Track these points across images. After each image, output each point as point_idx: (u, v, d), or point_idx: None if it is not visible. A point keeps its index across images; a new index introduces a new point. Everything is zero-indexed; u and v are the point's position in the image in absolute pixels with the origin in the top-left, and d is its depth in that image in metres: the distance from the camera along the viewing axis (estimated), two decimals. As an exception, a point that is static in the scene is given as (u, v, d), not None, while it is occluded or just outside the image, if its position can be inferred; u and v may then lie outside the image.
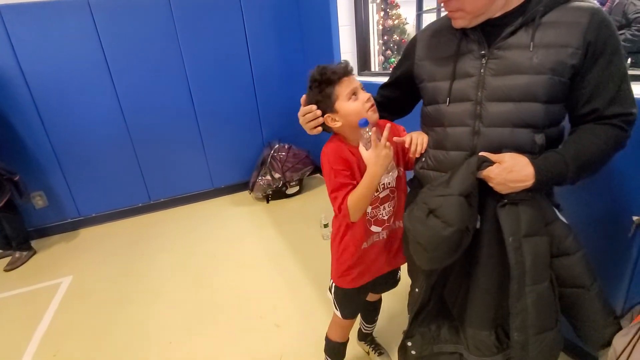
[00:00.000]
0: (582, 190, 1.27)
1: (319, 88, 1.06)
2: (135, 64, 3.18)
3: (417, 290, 1.11)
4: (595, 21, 0.81)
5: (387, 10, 4.61)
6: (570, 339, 1.05)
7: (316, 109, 1.07)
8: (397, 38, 4.65)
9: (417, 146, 1.08)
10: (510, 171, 0.85)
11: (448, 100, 0.98)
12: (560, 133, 0.95)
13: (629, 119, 0.87)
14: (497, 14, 0.89)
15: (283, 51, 3.63)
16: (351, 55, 3.11)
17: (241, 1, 3.33)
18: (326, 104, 1.06)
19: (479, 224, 0.94)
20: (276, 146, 3.55)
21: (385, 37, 4.70)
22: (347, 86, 1.05)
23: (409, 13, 4.64)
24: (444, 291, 1.09)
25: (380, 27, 4.61)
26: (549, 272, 0.92)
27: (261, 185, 3.46)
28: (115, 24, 3.04)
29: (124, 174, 3.43)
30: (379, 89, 1.25)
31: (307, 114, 1.08)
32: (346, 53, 3.07)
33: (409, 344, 1.16)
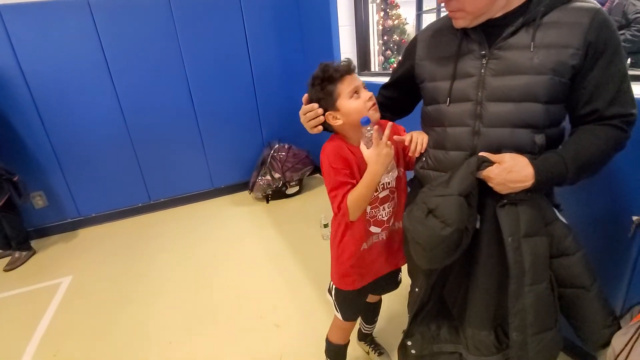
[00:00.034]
0: (582, 190, 1.27)
1: (321, 85, 1.05)
2: (135, 64, 3.18)
3: (417, 290, 1.12)
4: (597, 21, 0.81)
5: (387, 10, 4.61)
6: (570, 338, 1.05)
7: (317, 107, 1.07)
8: (397, 38, 4.64)
9: (417, 145, 1.08)
10: (510, 171, 0.85)
11: (448, 100, 0.98)
12: (560, 133, 0.95)
13: (629, 119, 0.87)
14: (498, 14, 0.89)
15: (283, 51, 3.63)
16: (351, 56, 3.10)
17: (241, 1, 3.33)
18: (328, 101, 1.06)
19: (478, 224, 0.94)
20: (276, 146, 3.55)
21: (385, 37, 4.70)
22: (349, 84, 1.05)
23: (408, 13, 4.64)
24: (443, 291, 1.09)
25: (380, 27, 4.61)
26: (548, 273, 0.92)
27: (261, 185, 3.46)
28: (115, 24, 3.04)
29: (123, 174, 3.43)
30: (380, 89, 1.25)
31: (308, 112, 1.08)
32: (346, 53, 3.07)
33: (408, 343, 1.16)
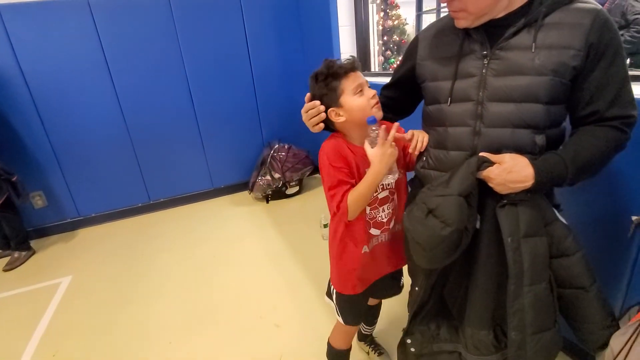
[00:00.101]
0: (581, 190, 1.27)
1: (325, 81, 1.04)
2: (135, 64, 3.18)
3: (416, 289, 1.12)
4: (598, 23, 0.81)
5: (387, 10, 4.61)
6: (570, 338, 1.05)
7: (320, 104, 1.06)
8: (397, 38, 4.65)
9: (417, 142, 1.07)
10: (510, 172, 0.85)
11: (449, 100, 0.97)
12: (561, 134, 0.95)
13: (629, 121, 0.87)
14: (500, 14, 0.89)
15: (283, 51, 3.63)
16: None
17: (241, 1, 3.33)
18: (331, 97, 1.05)
19: (478, 224, 0.94)
20: (276, 146, 3.55)
21: (385, 38, 4.71)
22: (353, 81, 1.04)
23: (408, 14, 4.65)
24: (443, 291, 1.09)
25: (380, 28, 4.61)
26: (547, 273, 0.92)
27: (261, 185, 3.46)
28: (115, 24, 3.04)
29: (123, 174, 3.43)
30: (382, 89, 1.24)
31: (310, 110, 1.08)
32: (346, 53, 3.07)
33: (408, 341, 1.16)
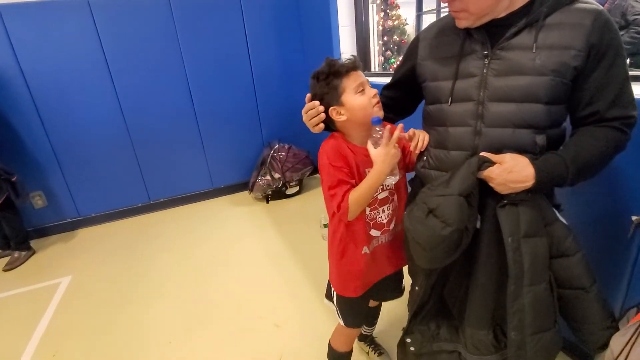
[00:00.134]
0: (581, 191, 1.27)
1: (326, 80, 1.04)
2: (135, 64, 3.17)
3: (416, 289, 1.12)
4: (599, 23, 0.81)
5: (387, 11, 4.62)
6: (571, 339, 1.05)
7: (319, 104, 1.06)
8: (397, 39, 4.66)
9: (419, 141, 1.07)
10: (511, 172, 0.85)
11: (450, 100, 0.97)
12: (561, 134, 0.96)
13: (629, 121, 0.87)
14: (501, 14, 0.89)
15: (283, 51, 3.63)
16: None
17: (241, 1, 3.33)
18: (332, 96, 1.04)
19: (478, 224, 0.94)
20: (276, 146, 3.55)
21: (385, 38, 4.71)
22: (354, 80, 1.04)
23: (408, 14, 4.65)
24: (443, 290, 1.09)
25: (380, 28, 4.62)
26: (547, 273, 0.92)
27: (261, 185, 3.46)
28: (115, 23, 3.04)
29: (123, 174, 3.43)
30: (382, 89, 1.24)
31: (310, 110, 1.07)
32: (346, 53, 3.07)
33: (408, 340, 1.16)
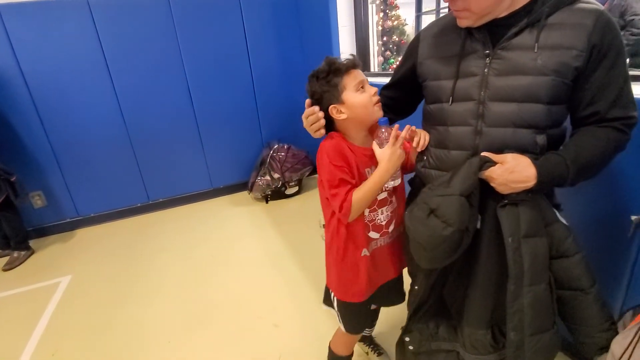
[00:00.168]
0: (581, 191, 1.27)
1: (326, 78, 1.04)
2: (134, 64, 3.17)
3: (416, 288, 1.12)
4: (600, 23, 0.81)
5: (387, 11, 4.62)
6: (570, 339, 1.05)
7: (319, 108, 1.06)
8: (397, 39, 4.66)
9: (420, 139, 1.07)
10: (512, 172, 0.85)
11: (451, 99, 0.97)
12: (562, 134, 0.96)
13: (630, 122, 0.87)
14: (502, 14, 0.89)
15: (282, 51, 3.63)
16: (350, 56, 3.11)
17: (240, 1, 3.33)
18: (333, 94, 1.04)
19: (479, 224, 0.95)
20: (275, 146, 3.55)
21: (385, 38, 4.72)
22: (354, 78, 1.04)
23: (408, 14, 4.66)
24: (443, 290, 1.09)
25: (379, 28, 4.62)
26: (547, 274, 0.92)
27: (260, 185, 3.46)
28: (115, 23, 3.04)
29: (122, 174, 3.43)
30: (382, 89, 1.24)
31: (310, 116, 1.07)
32: (346, 53, 3.02)
33: (406, 339, 1.16)
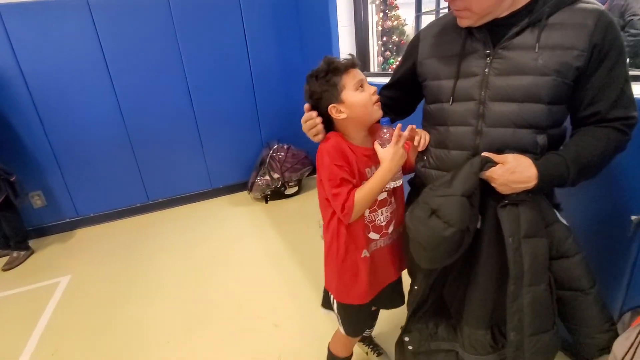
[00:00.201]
0: (581, 191, 1.27)
1: (325, 78, 1.04)
2: (134, 64, 3.17)
3: (416, 288, 1.12)
4: (602, 23, 0.81)
5: (387, 11, 4.62)
6: (571, 340, 1.05)
7: (316, 115, 1.06)
8: (396, 39, 4.66)
9: (421, 139, 1.07)
10: (513, 172, 0.85)
11: (451, 99, 0.97)
12: (562, 134, 0.96)
13: (630, 122, 0.87)
14: (503, 13, 0.89)
15: (282, 51, 3.63)
16: (350, 56, 3.11)
17: (240, 1, 3.33)
18: (332, 93, 1.04)
19: (479, 224, 0.94)
20: (275, 146, 3.55)
21: (385, 38, 4.71)
22: (353, 77, 1.04)
23: (408, 14, 4.65)
24: (443, 290, 1.09)
25: (379, 28, 4.62)
26: (547, 274, 0.92)
27: (260, 185, 3.46)
28: (115, 23, 3.03)
29: (122, 174, 3.43)
30: (381, 89, 1.23)
31: (308, 121, 1.07)
32: (345, 54, 3.06)
33: (406, 339, 1.16)
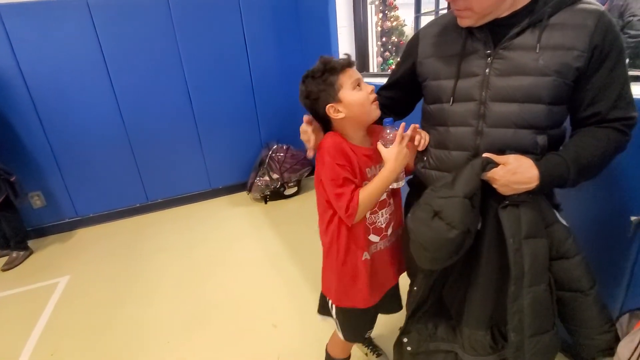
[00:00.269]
0: (581, 191, 1.27)
1: (322, 77, 1.03)
2: (133, 64, 3.17)
3: (415, 289, 1.11)
4: (602, 24, 0.81)
5: (386, 12, 4.63)
6: (570, 341, 1.05)
7: (312, 131, 1.07)
8: (396, 40, 4.67)
9: (422, 139, 1.07)
10: (515, 173, 0.85)
11: (452, 99, 0.97)
12: (561, 134, 0.96)
13: (630, 122, 0.87)
14: (504, 13, 0.89)
15: (281, 52, 3.63)
16: (350, 57, 3.12)
17: (240, 2, 3.33)
18: (329, 93, 1.03)
19: (479, 225, 0.94)
20: (274, 147, 3.55)
21: (384, 39, 4.72)
22: (350, 76, 1.04)
23: (407, 15, 4.66)
24: (443, 291, 1.09)
25: (378, 29, 4.63)
26: (547, 275, 0.92)
27: (259, 186, 3.46)
28: (114, 24, 3.03)
29: (121, 174, 3.42)
30: (379, 90, 1.22)
31: (302, 135, 1.07)
32: (344, 54, 3.07)
33: (404, 340, 1.16)
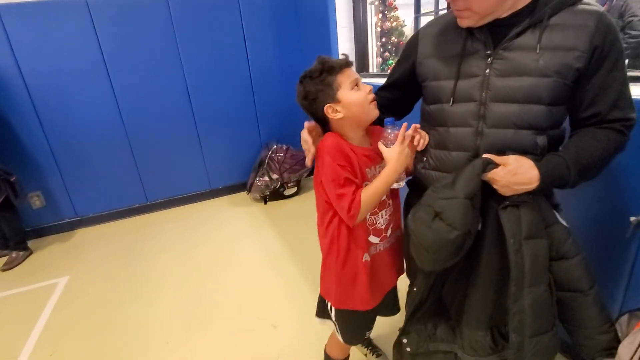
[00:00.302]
0: (581, 191, 1.27)
1: (320, 77, 1.02)
2: (133, 65, 3.17)
3: (415, 289, 1.11)
4: (602, 25, 0.81)
5: (385, 12, 4.63)
6: (570, 341, 1.05)
7: (311, 143, 1.06)
8: (395, 40, 4.67)
9: (422, 139, 1.06)
10: (515, 174, 0.86)
11: (452, 100, 0.97)
12: (561, 135, 0.96)
13: (629, 123, 0.87)
14: (504, 14, 0.89)
15: (281, 52, 3.63)
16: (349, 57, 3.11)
17: (240, 2, 3.33)
18: (327, 93, 1.02)
19: (480, 226, 0.95)
20: (274, 147, 3.55)
21: (384, 39, 4.72)
22: (348, 76, 1.03)
23: (407, 15, 4.66)
24: (442, 291, 1.09)
25: (378, 29, 4.63)
26: (547, 276, 0.92)
27: (259, 186, 3.46)
28: (114, 24, 3.03)
29: (121, 174, 3.42)
30: (378, 90, 1.22)
31: (303, 143, 1.08)
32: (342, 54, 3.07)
33: (404, 340, 1.16)
